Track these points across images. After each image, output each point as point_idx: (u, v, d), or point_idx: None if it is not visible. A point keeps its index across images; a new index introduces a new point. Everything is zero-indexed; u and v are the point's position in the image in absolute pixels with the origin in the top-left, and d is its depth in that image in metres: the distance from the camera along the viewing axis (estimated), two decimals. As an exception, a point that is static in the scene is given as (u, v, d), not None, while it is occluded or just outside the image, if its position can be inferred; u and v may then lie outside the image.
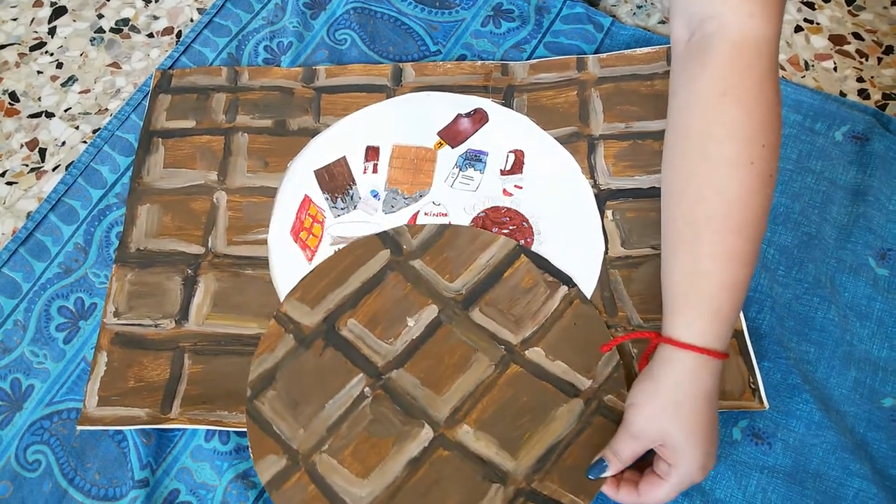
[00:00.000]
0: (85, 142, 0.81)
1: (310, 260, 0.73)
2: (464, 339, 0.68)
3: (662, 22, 0.88)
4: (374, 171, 0.78)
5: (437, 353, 0.67)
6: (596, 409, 0.65)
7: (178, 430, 0.66)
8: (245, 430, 0.65)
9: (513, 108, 0.81)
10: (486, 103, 0.82)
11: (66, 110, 0.83)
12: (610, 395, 0.65)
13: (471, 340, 0.68)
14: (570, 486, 0.61)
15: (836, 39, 0.87)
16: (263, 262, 0.73)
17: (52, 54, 0.87)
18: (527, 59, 0.85)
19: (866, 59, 0.86)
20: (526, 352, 0.68)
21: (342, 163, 0.78)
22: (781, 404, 0.65)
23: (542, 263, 0.72)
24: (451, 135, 0.80)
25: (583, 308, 0.70)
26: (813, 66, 0.85)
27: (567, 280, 0.71)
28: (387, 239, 0.73)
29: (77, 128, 0.82)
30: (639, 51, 0.84)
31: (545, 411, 0.65)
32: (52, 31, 0.88)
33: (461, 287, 0.70)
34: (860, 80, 0.84)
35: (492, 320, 0.69)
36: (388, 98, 0.82)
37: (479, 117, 0.81)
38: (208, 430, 0.66)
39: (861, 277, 0.72)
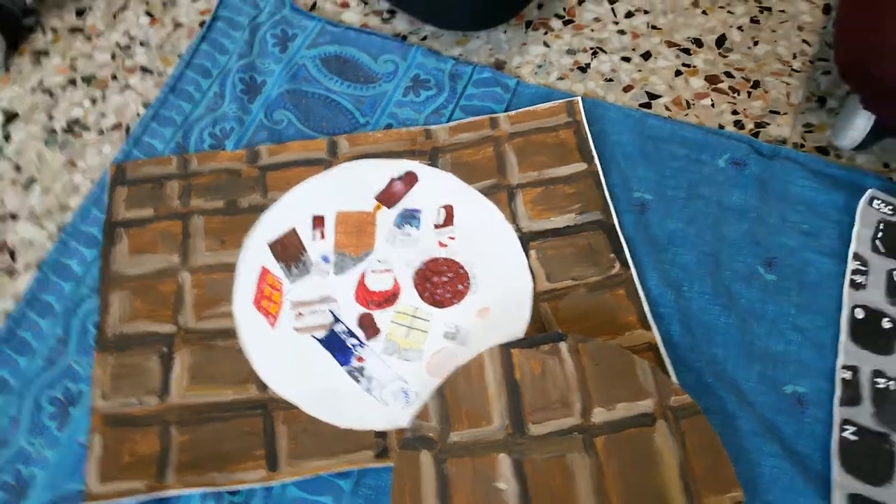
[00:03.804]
0: (52, 239, 0.87)
1: (273, 325, 0.82)
2: (547, 457, 0.71)
3: (560, 78, 1.00)
4: (322, 237, 0.87)
5: (543, 487, 0.70)
6: (675, 418, 0.72)
7: (176, 496, 0.73)
8: (238, 487, 0.72)
9: (438, 168, 0.91)
10: (414, 165, 0.92)
11: (29, 211, 0.89)
12: (671, 397, 0.73)
13: (552, 453, 0.71)
14: (717, 487, 0.69)
15: (711, 79, 1.00)
16: (232, 333, 0.81)
17: (10, 159, 0.93)
18: (446, 123, 0.95)
19: (738, 94, 0.99)
20: (593, 420, 0.73)
21: (292, 233, 0.87)
22: (700, 401, 0.75)
23: (529, 342, 0.77)
24: (386, 197, 0.90)
25: (590, 347, 0.76)
26: (693, 104, 0.98)
27: (556, 337, 0.76)
28: (413, 444, 0.73)
29: (42, 227, 0.89)
30: (542, 106, 0.95)
31: (651, 454, 0.71)
32: (6, 137, 0.95)
33: (501, 421, 0.73)
34: (734, 112, 0.97)
35: (548, 421, 0.73)
36: (326, 169, 0.91)
37: (410, 179, 0.91)
38: (203, 493, 0.73)
39: (753, 284, 0.84)
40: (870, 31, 0.78)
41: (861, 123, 0.87)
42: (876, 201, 0.86)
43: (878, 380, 0.77)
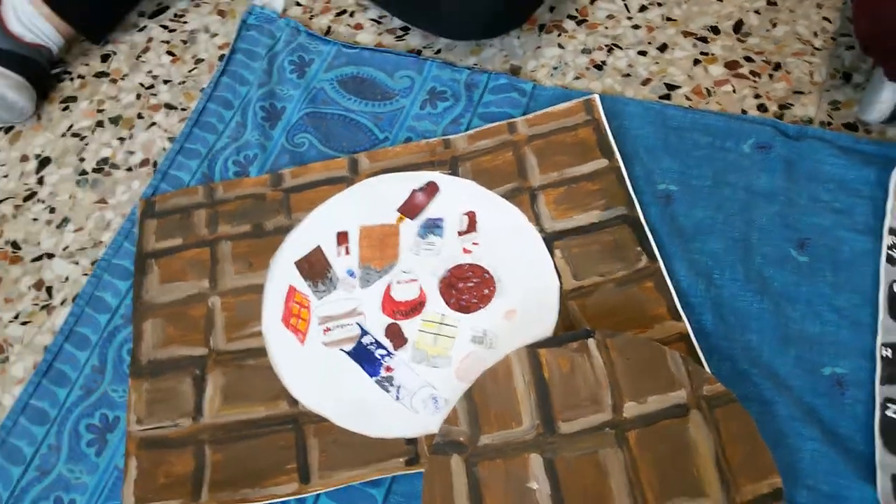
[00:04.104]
0: (86, 274, 0.90)
1: (302, 342, 0.82)
2: (579, 455, 0.70)
3: (577, 77, 1.00)
4: (347, 252, 0.88)
5: (576, 484, 0.69)
6: (709, 407, 0.71)
7: (211, 512, 0.73)
8: (271, 501, 0.73)
9: (459, 176, 0.91)
10: (435, 176, 0.92)
11: (64, 249, 0.92)
12: (703, 386, 0.71)
13: (584, 450, 0.70)
14: (754, 475, 0.67)
15: (731, 65, 0.99)
16: (262, 352, 0.82)
17: (43, 201, 0.97)
18: (464, 131, 0.96)
19: (759, 78, 0.97)
20: (625, 414, 0.71)
21: (318, 251, 0.88)
22: (735, 389, 0.73)
23: (556, 341, 0.76)
24: (409, 209, 0.90)
25: (618, 341, 0.74)
26: (714, 92, 0.96)
27: (584, 334, 0.75)
28: (443, 448, 0.72)
29: (77, 263, 0.91)
30: (560, 107, 0.95)
31: (685, 445, 0.69)
32: (40, 181, 0.98)
33: (531, 422, 0.72)
34: (757, 96, 0.95)
35: (579, 419, 0.72)
36: (348, 187, 0.92)
37: (431, 189, 0.91)
38: (237, 508, 0.73)
39: (786, 267, 0.81)
40: (888, 1, 0.76)
41: (888, 96, 0.84)
42: (909, 173, 0.83)
43: (923, 355, 0.74)
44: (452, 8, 0.95)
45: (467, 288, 0.84)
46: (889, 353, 0.74)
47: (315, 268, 0.87)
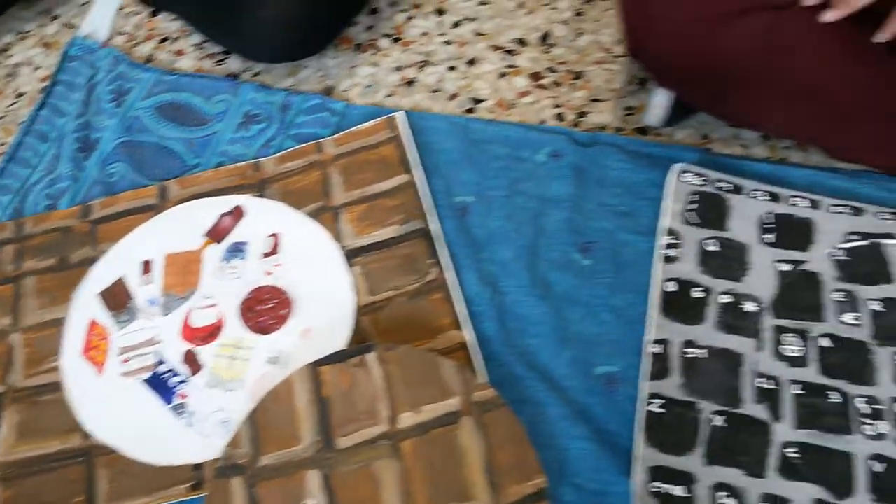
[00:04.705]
0: None
1: (100, 373, 0.83)
2: (354, 468, 0.72)
3: (389, 95, 1.02)
4: (151, 281, 0.88)
5: (351, 498, 0.70)
6: (480, 413, 0.73)
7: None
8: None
9: (267, 198, 0.93)
10: (243, 199, 0.93)
11: None
12: (475, 394, 0.73)
13: (359, 463, 0.72)
14: (520, 477, 0.70)
15: (534, 76, 1.02)
16: (58, 386, 0.82)
17: None
18: (275, 153, 0.97)
19: (560, 87, 1.00)
20: (399, 425, 0.73)
21: (119, 282, 0.88)
22: (510, 393, 0.75)
23: (337, 357, 0.77)
24: (216, 233, 0.91)
25: (396, 354, 0.76)
26: (516, 104, 0.99)
27: (364, 349, 0.77)
28: (224, 472, 0.73)
29: None
30: (365, 125, 0.97)
31: (456, 451, 0.71)
32: None
33: (311, 439, 0.74)
34: (557, 106, 0.98)
35: (355, 433, 0.73)
36: (156, 214, 0.93)
37: (238, 213, 0.92)
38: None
39: (569, 271, 0.84)
40: (637, 12, 0.80)
41: (661, 101, 0.88)
42: (686, 174, 0.87)
43: (688, 350, 0.77)
44: (255, 31, 0.97)
45: (266, 310, 0.85)
46: (658, 349, 0.78)
47: (117, 298, 0.87)
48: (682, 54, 0.76)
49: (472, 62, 1.04)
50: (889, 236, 0.83)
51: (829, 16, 0.73)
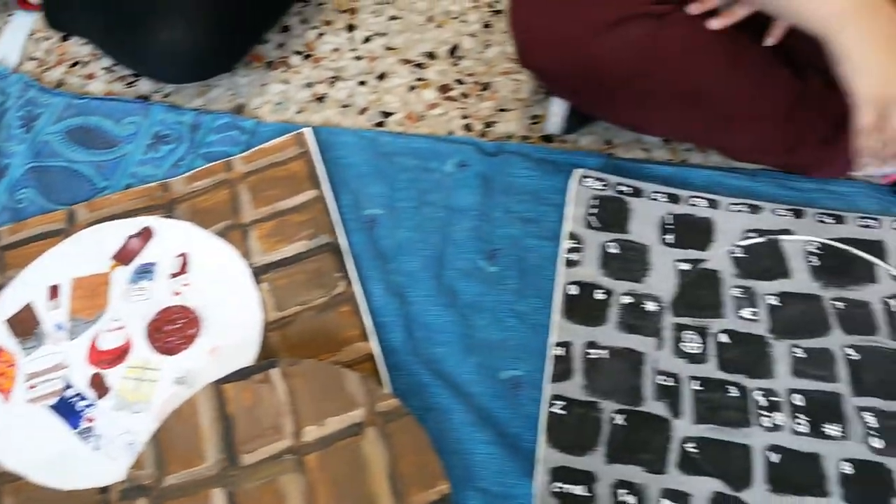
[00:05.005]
0: None
1: (6, 400, 0.82)
2: (259, 484, 0.72)
3: (299, 112, 1.02)
4: (58, 306, 0.88)
5: None
6: (384, 423, 0.73)
7: None
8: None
9: (175, 218, 0.92)
10: (151, 220, 0.93)
11: None
12: (378, 404, 0.74)
13: (264, 479, 0.72)
14: (424, 484, 0.71)
15: (443, 88, 1.03)
16: (-42, 419, 0.81)
17: None
18: (184, 173, 0.97)
19: (468, 98, 1.01)
20: (303, 439, 0.74)
21: (27, 308, 0.87)
22: (416, 402, 0.76)
23: (240, 374, 0.77)
24: (123, 255, 0.91)
25: (300, 368, 0.76)
26: (425, 116, 1.00)
27: (267, 365, 0.77)
28: (129, 494, 0.73)
29: None
30: (273, 142, 0.97)
31: (360, 462, 0.72)
32: None
33: (214, 455, 0.74)
34: (465, 117, 1.00)
35: (260, 448, 0.74)
36: (64, 239, 0.92)
37: (146, 234, 0.92)
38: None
39: (476, 279, 0.85)
40: (524, 23, 0.81)
41: (558, 109, 0.90)
42: (587, 179, 0.89)
43: (590, 351, 0.79)
44: (158, 53, 0.97)
45: (174, 330, 0.85)
46: (561, 351, 0.79)
47: (24, 324, 0.87)
48: (567, 63, 0.78)
49: (382, 76, 1.06)
50: (786, 232, 0.85)
51: (716, 23, 0.76)
